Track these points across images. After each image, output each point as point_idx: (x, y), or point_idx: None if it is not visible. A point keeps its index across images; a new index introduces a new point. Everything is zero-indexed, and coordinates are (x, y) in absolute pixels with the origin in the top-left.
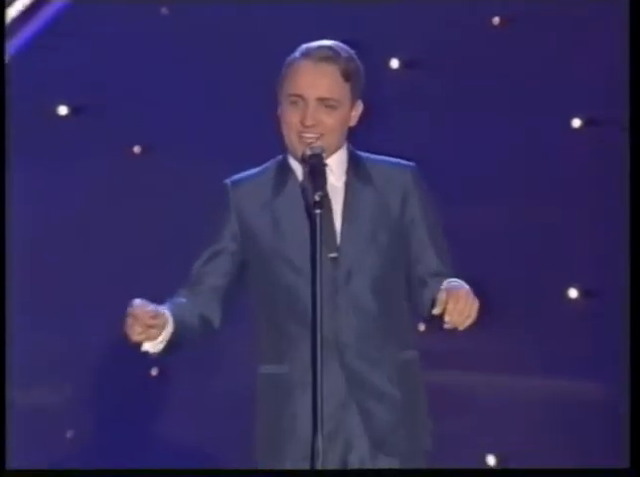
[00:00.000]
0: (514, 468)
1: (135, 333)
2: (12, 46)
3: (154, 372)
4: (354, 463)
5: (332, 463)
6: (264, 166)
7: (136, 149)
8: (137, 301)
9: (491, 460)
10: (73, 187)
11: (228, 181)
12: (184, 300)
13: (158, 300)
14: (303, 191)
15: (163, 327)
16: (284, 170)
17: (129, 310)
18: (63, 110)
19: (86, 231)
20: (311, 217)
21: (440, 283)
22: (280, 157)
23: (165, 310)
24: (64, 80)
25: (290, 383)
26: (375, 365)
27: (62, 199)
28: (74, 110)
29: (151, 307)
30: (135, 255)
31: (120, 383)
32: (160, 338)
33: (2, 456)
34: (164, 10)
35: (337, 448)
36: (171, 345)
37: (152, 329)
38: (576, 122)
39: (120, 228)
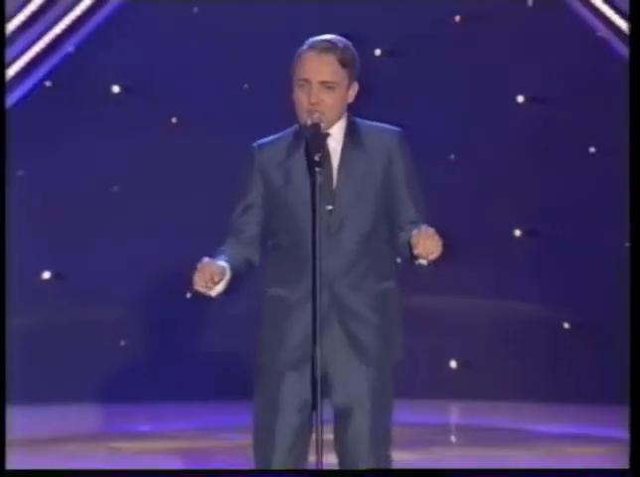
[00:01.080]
0: (514, 468)
1: (201, 284)
2: (76, 39)
3: (188, 295)
4: (335, 369)
5: (321, 369)
6: (283, 133)
7: (174, 120)
8: (206, 260)
9: (453, 364)
10: (123, 148)
11: (255, 144)
12: (233, 250)
13: (197, 244)
14: (307, 153)
15: (224, 276)
16: (297, 137)
17: (198, 266)
18: (115, 89)
19: (136, 185)
20: (309, 165)
21: (414, 229)
22: (295, 126)
23: (224, 263)
24: (116, 66)
25: (289, 303)
26: (356, 293)
27: (115, 157)
28: (124, 89)
29: (214, 266)
30: (175, 206)
31: (162, 304)
32: (220, 286)
33: (2, 456)
34: (195, 9)
35: (323, 356)
36: (227, 286)
37: (216, 283)
38: (520, 98)
39: (163, 184)
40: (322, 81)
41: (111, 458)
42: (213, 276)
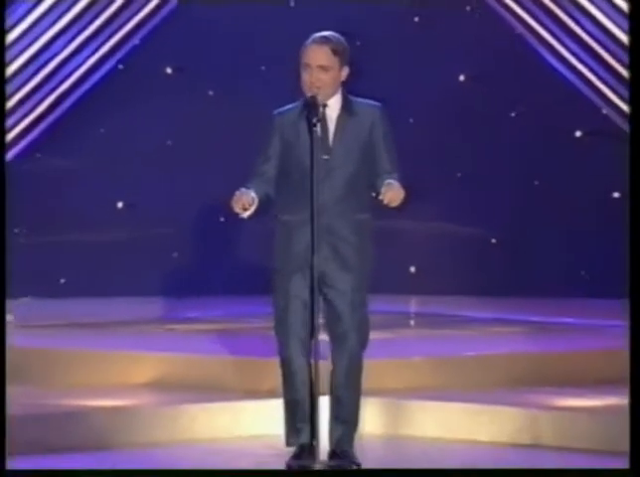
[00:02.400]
0: (515, 468)
1: (237, 208)
2: (141, 34)
3: (222, 219)
4: (327, 274)
5: (317, 273)
6: (294, 104)
7: (210, 92)
8: (243, 189)
9: (412, 269)
10: (175, 113)
11: (275, 112)
12: (258, 186)
13: (230, 180)
14: (307, 118)
15: (253, 204)
16: (304, 106)
17: (237, 194)
18: (169, 70)
19: (185, 139)
20: (309, 129)
21: (388, 179)
22: (303, 99)
23: (253, 194)
24: (169, 51)
25: (293, 225)
26: (342, 221)
27: (169, 120)
28: (174, 70)
29: (248, 195)
30: (213, 154)
31: (205, 224)
32: (251, 210)
33: (2, 456)
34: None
35: (318, 263)
36: (254, 212)
37: (247, 208)
38: (462, 77)
39: (205, 138)
40: (319, 65)
41: (167, 337)
42: (246, 203)
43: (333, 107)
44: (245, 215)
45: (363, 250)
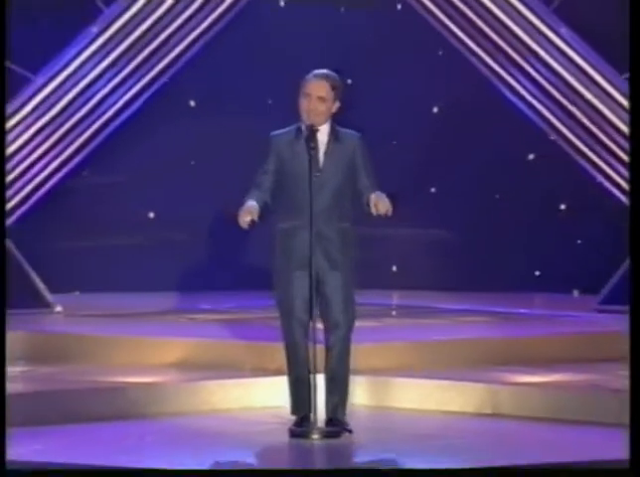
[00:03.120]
0: (514, 468)
1: (243, 222)
2: (170, 72)
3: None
4: (321, 272)
5: (314, 271)
6: (289, 128)
7: (223, 122)
8: (247, 204)
9: (394, 268)
10: (196, 140)
11: (271, 134)
12: (260, 197)
13: (235, 192)
14: (306, 142)
15: (256, 214)
16: (299, 130)
17: (245, 207)
18: (192, 103)
19: (202, 161)
20: (308, 153)
21: (369, 193)
22: (298, 123)
23: (256, 204)
24: (192, 88)
25: (292, 232)
26: (329, 228)
27: (189, 142)
28: (197, 102)
29: (253, 207)
30: (220, 170)
31: (217, 230)
32: (254, 218)
33: (2, 456)
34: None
35: (313, 262)
36: (257, 219)
37: (250, 222)
38: (435, 109)
39: (221, 163)
40: (319, 96)
41: (189, 325)
42: (249, 216)
43: (323, 133)
44: (247, 227)
45: (347, 252)
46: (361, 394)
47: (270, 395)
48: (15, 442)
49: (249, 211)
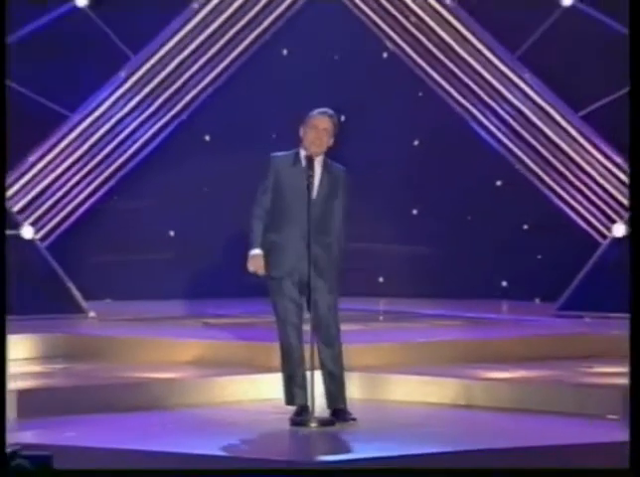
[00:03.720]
0: (516, 468)
1: (252, 269)
2: (187, 111)
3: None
4: (307, 280)
5: (302, 276)
6: (289, 152)
7: (234, 155)
8: (256, 251)
9: (381, 279)
10: (209, 171)
11: (271, 155)
12: (261, 231)
13: (237, 212)
14: (306, 169)
15: (262, 269)
16: (297, 156)
17: (253, 257)
18: (207, 138)
19: (216, 192)
20: (307, 180)
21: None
22: (297, 149)
23: (261, 253)
24: (206, 125)
25: (284, 243)
26: (319, 241)
27: (204, 175)
28: (211, 137)
29: (260, 260)
30: (232, 197)
31: (226, 248)
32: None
33: (2, 456)
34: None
35: (301, 270)
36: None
37: (260, 272)
38: (416, 142)
39: (231, 190)
40: (324, 128)
41: (203, 328)
42: (259, 270)
43: (318, 163)
44: (261, 272)
45: (332, 263)
46: (354, 388)
47: (273, 388)
48: (55, 429)
49: (258, 264)
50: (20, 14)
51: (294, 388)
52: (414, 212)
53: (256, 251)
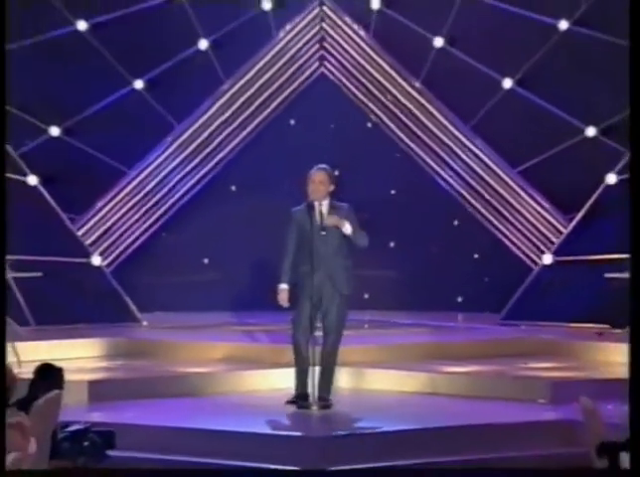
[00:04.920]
0: (516, 468)
1: (280, 300)
2: (218, 168)
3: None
4: (324, 297)
5: (320, 295)
6: (303, 205)
7: (255, 202)
8: (283, 286)
9: (366, 295)
10: (232, 216)
11: (292, 209)
12: (289, 269)
13: (256, 244)
14: (308, 212)
15: (287, 301)
16: (309, 206)
17: (281, 291)
18: (233, 188)
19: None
20: (320, 222)
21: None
22: (307, 202)
23: (287, 288)
24: (234, 177)
25: (307, 273)
26: (336, 267)
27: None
28: (237, 187)
29: (285, 293)
30: (253, 234)
31: (253, 274)
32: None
33: (2, 456)
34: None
35: (321, 290)
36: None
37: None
38: (393, 191)
39: (247, 222)
40: (319, 181)
41: (232, 333)
42: (284, 300)
43: (325, 206)
44: (286, 304)
45: (345, 283)
46: (344, 379)
47: (285, 380)
48: (117, 411)
49: (283, 298)
50: (91, 93)
51: (302, 379)
52: (392, 244)
53: (283, 286)
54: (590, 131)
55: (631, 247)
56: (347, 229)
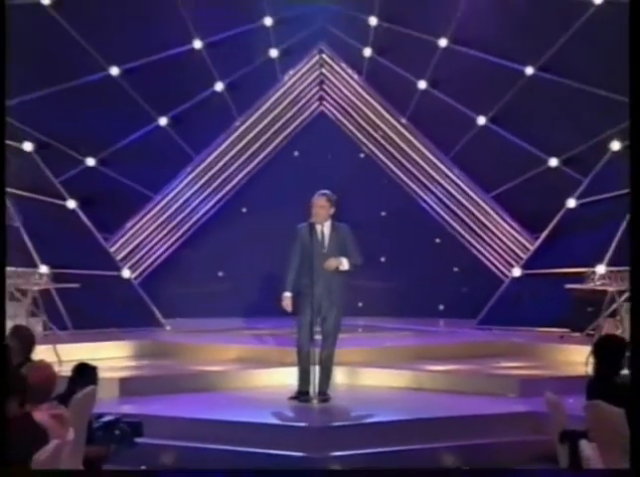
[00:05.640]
0: (517, 468)
1: (286, 307)
2: (235, 190)
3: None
4: (323, 306)
5: (320, 304)
6: (305, 223)
7: (265, 224)
8: (287, 294)
9: (360, 304)
10: (245, 239)
11: (298, 226)
12: (293, 280)
13: (265, 258)
14: (309, 232)
15: (290, 307)
16: (311, 226)
17: (285, 298)
18: (244, 209)
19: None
20: (311, 239)
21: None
22: (309, 221)
23: (290, 295)
24: (244, 201)
25: (309, 285)
26: (334, 281)
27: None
28: (247, 210)
29: (288, 300)
30: (262, 250)
31: (260, 282)
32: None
33: (2, 456)
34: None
35: (320, 300)
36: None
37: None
38: (383, 213)
39: (257, 240)
40: (320, 205)
41: (243, 337)
42: (288, 306)
43: (327, 227)
44: (289, 309)
45: (342, 294)
46: (341, 377)
47: (290, 377)
48: (144, 404)
49: (286, 304)
50: (122, 129)
51: (304, 377)
52: (382, 259)
53: (287, 294)
54: (553, 162)
55: (631, 248)
56: (344, 265)
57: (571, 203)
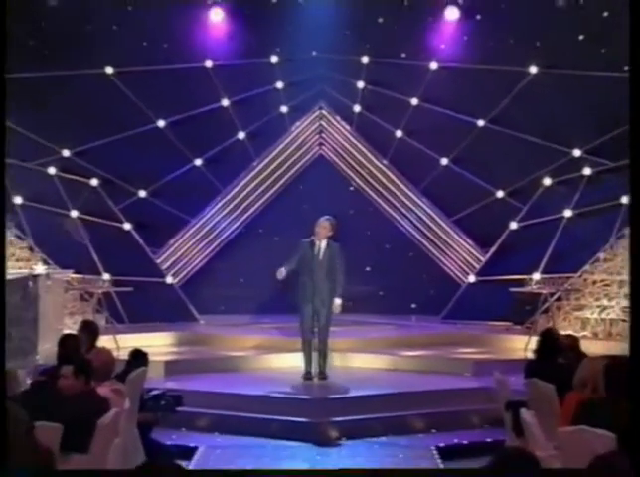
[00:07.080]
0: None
1: (278, 275)
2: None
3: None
4: (318, 305)
5: (315, 302)
6: (308, 239)
7: (276, 238)
8: (282, 269)
9: (350, 303)
10: (258, 251)
11: (301, 240)
12: (289, 266)
13: (277, 258)
14: (310, 247)
15: (284, 273)
16: (313, 242)
17: (280, 270)
18: (260, 230)
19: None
20: (311, 253)
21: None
22: (311, 238)
23: (284, 270)
24: (265, 222)
25: (306, 284)
26: (325, 285)
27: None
28: (263, 229)
29: (284, 270)
30: (272, 258)
31: (271, 288)
32: (283, 276)
33: (2, 456)
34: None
35: (315, 299)
36: (285, 277)
37: (282, 276)
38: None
39: (268, 252)
40: (323, 227)
41: (260, 330)
42: (280, 275)
43: (323, 243)
44: (280, 278)
45: (331, 297)
46: (336, 360)
47: (297, 361)
48: (184, 381)
49: (281, 272)
50: (166, 168)
51: (307, 361)
52: (367, 269)
53: (281, 269)
54: (499, 193)
55: (631, 247)
56: (337, 308)
57: (514, 225)
